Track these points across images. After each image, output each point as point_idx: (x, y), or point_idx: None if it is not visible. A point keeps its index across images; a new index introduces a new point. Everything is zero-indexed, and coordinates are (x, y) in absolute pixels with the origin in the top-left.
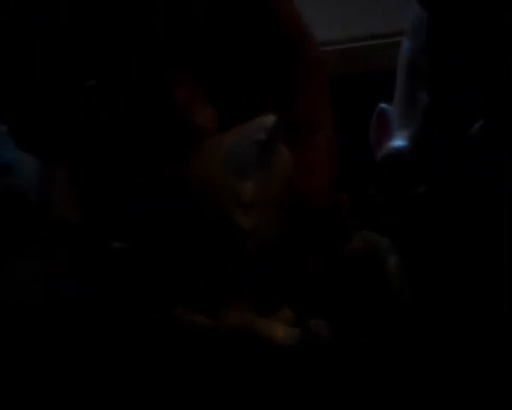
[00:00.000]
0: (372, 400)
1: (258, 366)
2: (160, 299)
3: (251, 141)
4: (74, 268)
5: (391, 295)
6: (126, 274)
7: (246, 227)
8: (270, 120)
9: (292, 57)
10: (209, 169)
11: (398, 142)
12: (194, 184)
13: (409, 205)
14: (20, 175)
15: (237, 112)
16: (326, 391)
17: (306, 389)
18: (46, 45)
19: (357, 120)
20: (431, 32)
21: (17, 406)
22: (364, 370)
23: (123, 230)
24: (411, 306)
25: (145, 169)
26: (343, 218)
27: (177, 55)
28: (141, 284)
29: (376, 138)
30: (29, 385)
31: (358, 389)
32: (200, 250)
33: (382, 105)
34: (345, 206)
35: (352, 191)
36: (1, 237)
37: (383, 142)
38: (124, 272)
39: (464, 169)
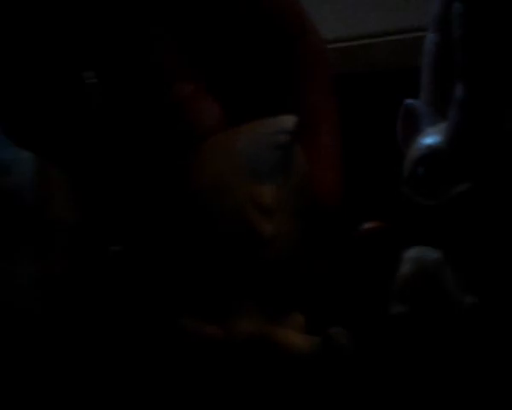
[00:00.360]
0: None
1: (277, 377)
2: (162, 304)
3: (272, 143)
4: (72, 270)
5: (451, 309)
6: (126, 277)
7: (266, 235)
8: (290, 120)
9: (291, 51)
10: (222, 171)
11: (432, 139)
12: (202, 185)
13: (449, 204)
14: (16, 175)
15: (236, 110)
16: (350, 403)
17: (330, 401)
18: (43, 40)
19: (359, 120)
20: (468, 25)
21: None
22: (385, 379)
23: (122, 231)
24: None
25: (146, 169)
26: (380, 245)
27: (176, 51)
28: (141, 289)
29: (405, 137)
30: (28, 388)
31: (382, 399)
32: (208, 255)
33: (408, 101)
34: (380, 232)
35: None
36: None
37: (413, 140)
38: (123, 274)
39: (504, 162)
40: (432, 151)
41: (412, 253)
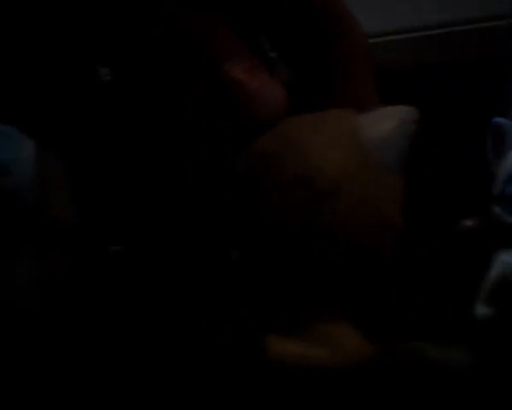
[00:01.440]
0: None
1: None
2: (164, 305)
3: (403, 133)
4: (72, 271)
5: None
6: (126, 277)
7: (399, 228)
8: (413, 110)
9: (335, 49)
10: (345, 161)
11: None
12: (313, 176)
13: None
14: (16, 175)
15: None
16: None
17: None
18: (55, 34)
19: None
20: None
21: None
22: None
23: (122, 231)
24: None
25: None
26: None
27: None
28: (142, 289)
29: (495, 155)
30: (28, 388)
31: None
32: (310, 253)
33: (496, 119)
34: (479, 230)
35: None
36: None
37: (501, 158)
38: (123, 274)
39: None
40: None
41: (504, 256)
